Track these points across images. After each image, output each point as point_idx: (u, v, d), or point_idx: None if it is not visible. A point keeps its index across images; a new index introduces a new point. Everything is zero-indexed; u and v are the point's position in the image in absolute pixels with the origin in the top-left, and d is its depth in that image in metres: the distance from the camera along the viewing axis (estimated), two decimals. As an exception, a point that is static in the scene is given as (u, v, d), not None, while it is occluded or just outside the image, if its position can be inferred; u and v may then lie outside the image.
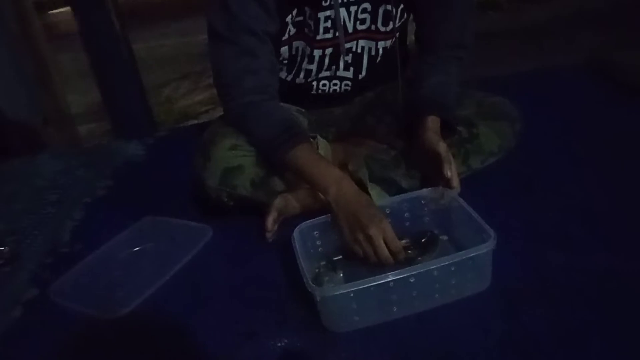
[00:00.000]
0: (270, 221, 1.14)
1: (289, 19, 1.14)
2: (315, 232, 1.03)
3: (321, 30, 1.16)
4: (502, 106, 1.24)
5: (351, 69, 1.24)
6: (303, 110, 1.30)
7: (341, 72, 1.24)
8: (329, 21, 1.15)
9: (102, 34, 2.05)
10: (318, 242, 1.04)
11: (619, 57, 1.87)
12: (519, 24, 4.28)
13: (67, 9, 2.22)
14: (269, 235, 1.15)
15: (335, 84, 1.26)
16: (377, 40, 1.22)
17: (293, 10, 1.14)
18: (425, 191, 1.07)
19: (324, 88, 1.26)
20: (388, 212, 1.04)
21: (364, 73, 1.26)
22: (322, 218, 1.03)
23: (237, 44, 1.09)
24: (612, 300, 0.88)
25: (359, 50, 1.23)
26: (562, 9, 4.23)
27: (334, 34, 1.17)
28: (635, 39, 2.37)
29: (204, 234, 1.22)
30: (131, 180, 1.61)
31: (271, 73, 1.14)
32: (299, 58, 1.20)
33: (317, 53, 1.19)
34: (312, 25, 1.15)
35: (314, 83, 1.25)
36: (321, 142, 1.23)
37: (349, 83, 1.26)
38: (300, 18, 1.15)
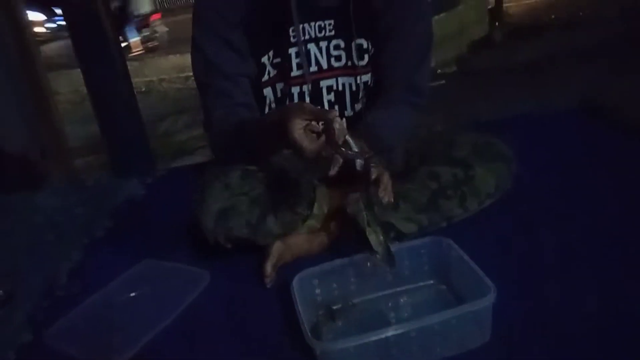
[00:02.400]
0: (269, 267, 1.14)
1: (265, 60, 1.19)
2: (314, 281, 1.03)
3: (294, 66, 1.20)
4: (497, 147, 1.26)
5: (336, 107, 1.26)
6: None
7: None
8: (299, 57, 1.19)
9: (103, 70, 2.07)
10: (317, 291, 1.04)
11: (612, 96, 1.92)
12: (513, 62, 4.36)
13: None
14: (267, 281, 1.15)
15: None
16: (356, 75, 1.24)
17: (268, 51, 1.19)
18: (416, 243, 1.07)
19: None
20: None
21: (349, 110, 1.27)
22: (321, 266, 1.03)
23: (212, 86, 1.18)
24: (612, 340, 0.89)
25: (340, 88, 1.25)
26: (556, 45, 4.32)
27: (306, 69, 1.20)
28: (628, 77, 2.43)
29: (203, 278, 1.21)
30: (130, 220, 1.61)
31: (247, 109, 1.19)
32: (283, 99, 1.23)
33: (294, 90, 1.22)
34: (286, 63, 1.19)
35: None
36: (319, 188, 1.23)
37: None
38: (278, 59, 1.20)
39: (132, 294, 1.22)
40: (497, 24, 5.78)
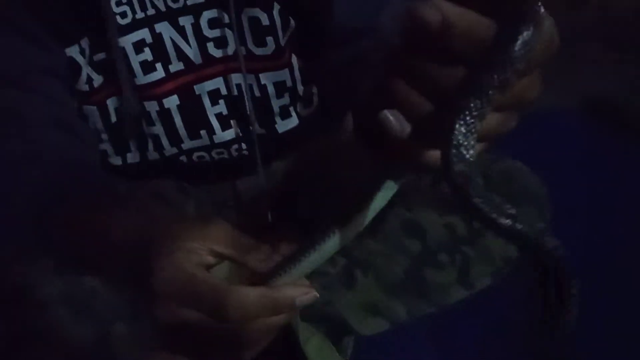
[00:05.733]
0: None
1: (74, 53, 0.66)
2: None
3: (138, 68, 0.67)
4: (522, 178, 0.75)
5: (232, 123, 0.72)
6: (187, 185, 0.75)
7: (220, 135, 0.71)
8: (147, 49, 0.67)
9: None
10: None
11: (625, 97, 1.56)
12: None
13: None
14: None
15: (221, 153, 0.73)
16: (256, 73, 0.71)
17: (79, 38, 0.66)
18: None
19: (206, 160, 0.74)
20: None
21: (256, 127, 0.72)
22: None
23: None
24: None
25: (235, 92, 0.71)
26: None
27: (165, 69, 0.68)
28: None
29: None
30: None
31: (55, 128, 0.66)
32: (123, 127, 0.69)
33: (151, 107, 0.69)
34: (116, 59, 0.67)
35: (183, 158, 0.73)
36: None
37: (244, 145, 0.73)
38: (102, 55, 0.67)
39: None
40: None
